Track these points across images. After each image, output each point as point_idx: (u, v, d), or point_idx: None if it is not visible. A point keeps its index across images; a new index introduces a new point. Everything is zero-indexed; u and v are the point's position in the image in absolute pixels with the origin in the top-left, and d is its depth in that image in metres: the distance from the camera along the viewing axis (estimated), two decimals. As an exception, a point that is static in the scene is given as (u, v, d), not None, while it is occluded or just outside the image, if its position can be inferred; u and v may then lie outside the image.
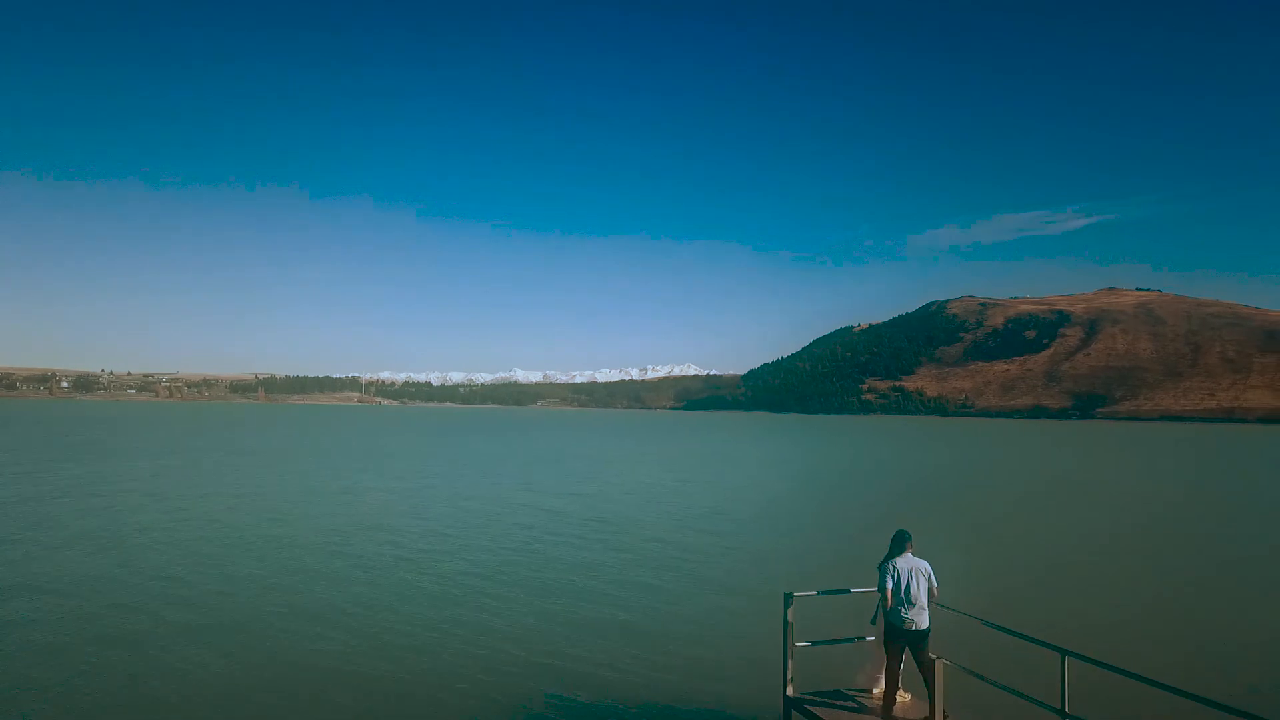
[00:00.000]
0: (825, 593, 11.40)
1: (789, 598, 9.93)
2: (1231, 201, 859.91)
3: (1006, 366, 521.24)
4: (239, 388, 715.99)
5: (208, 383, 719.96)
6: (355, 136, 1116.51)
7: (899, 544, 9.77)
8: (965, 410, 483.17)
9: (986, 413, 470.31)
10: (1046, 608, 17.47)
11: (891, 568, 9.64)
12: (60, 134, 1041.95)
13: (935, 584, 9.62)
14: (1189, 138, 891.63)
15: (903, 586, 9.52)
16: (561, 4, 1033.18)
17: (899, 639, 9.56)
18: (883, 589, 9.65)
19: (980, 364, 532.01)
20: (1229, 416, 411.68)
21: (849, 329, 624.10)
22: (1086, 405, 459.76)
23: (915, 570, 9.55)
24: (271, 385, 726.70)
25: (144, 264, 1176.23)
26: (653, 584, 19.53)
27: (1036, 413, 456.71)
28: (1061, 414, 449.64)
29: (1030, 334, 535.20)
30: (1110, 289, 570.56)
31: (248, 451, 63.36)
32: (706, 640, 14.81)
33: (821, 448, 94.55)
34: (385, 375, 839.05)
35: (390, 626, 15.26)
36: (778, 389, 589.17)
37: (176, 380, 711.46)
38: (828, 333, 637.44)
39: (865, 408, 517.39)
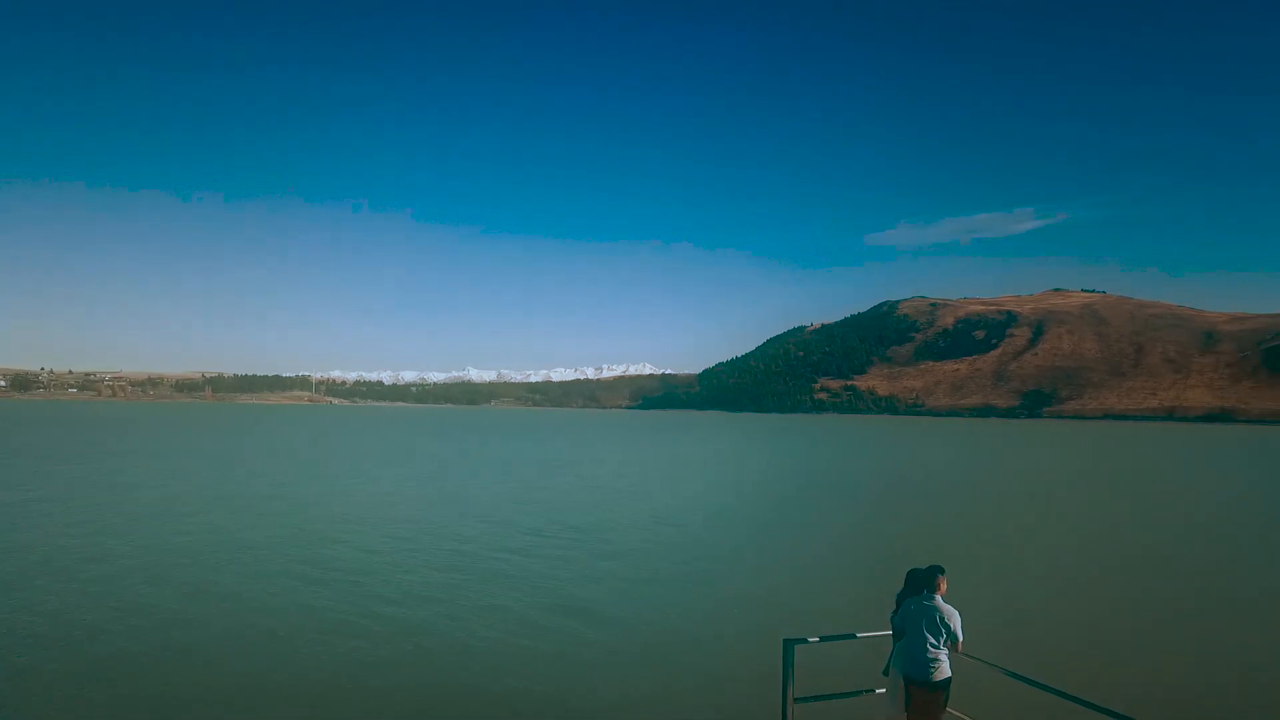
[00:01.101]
0: (828, 638, 9.94)
1: (789, 645, 8.69)
2: (1182, 203, 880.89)
3: (956, 366, 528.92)
4: (185, 387, 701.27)
5: (152, 382, 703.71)
6: (307, 137, 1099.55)
7: (914, 582, 8.91)
8: (916, 409, 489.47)
9: (937, 412, 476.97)
10: (1094, 653, 14.85)
11: (899, 607, 8.86)
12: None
13: (959, 635, 8.42)
14: (1143, 140, 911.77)
15: (902, 630, 8.65)
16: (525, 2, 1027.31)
17: (906, 688, 8.63)
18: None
19: (931, 363, 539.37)
20: (1170, 415, 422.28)
21: (802, 329, 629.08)
22: (1034, 404, 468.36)
23: (926, 614, 8.46)
24: (219, 384, 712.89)
25: (86, 260, 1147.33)
26: (612, 613, 16.91)
27: (985, 411, 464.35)
28: (1009, 413, 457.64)
29: (979, 334, 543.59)
30: (1057, 290, 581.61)
31: (187, 453, 60.93)
32: (689, 694, 12.59)
33: (785, 448, 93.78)
34: (336, 374, 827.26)
35: (264, 693, 12.09)
36: (732, 388, 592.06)
37: (120, 379, 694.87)
38: (781, 333, 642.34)
39: (818, 407, 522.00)
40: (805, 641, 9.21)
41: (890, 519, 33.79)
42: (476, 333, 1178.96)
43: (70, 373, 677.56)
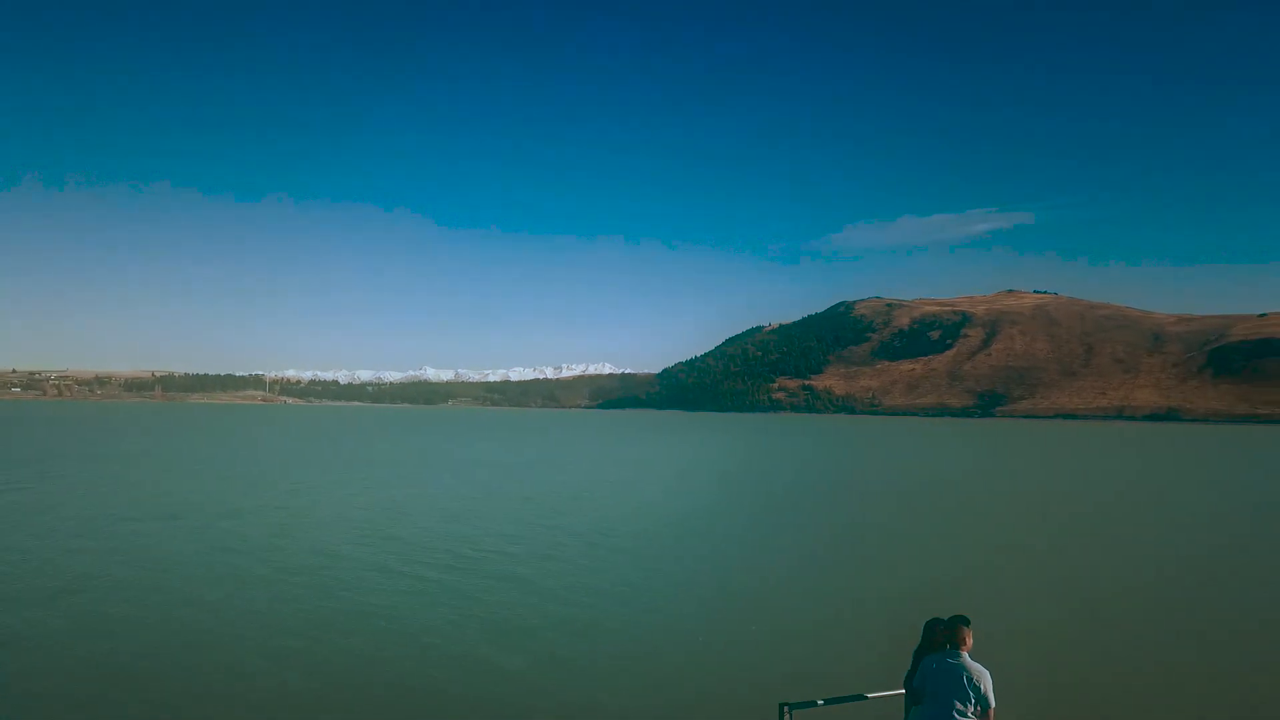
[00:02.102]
0: (832, 701, 8.55)
1: (787, 710, 7.71)
2: (1135, 204, 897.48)
3: (912, 366, 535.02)
4: (135, 386, 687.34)
5: (100, 381, 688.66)
6: (261, 132, 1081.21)
7: (934, 636, 7.64)
8: (873, 409, 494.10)
9: (893, 411, 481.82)
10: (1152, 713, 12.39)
11: (915, 668, 7.63)
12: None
13: (991, 700, 7.15)
14: (1099, 143, 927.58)
15: (921, 692, 7.39)
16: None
17: None
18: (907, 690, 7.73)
19: (886, 363, 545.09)
20: (1119, 414, 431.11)
21: (759, 329, 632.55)
22: (987, 404, 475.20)
23: (952, 674, 7.18)
24: (170, 383, 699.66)
25: (31, 256, 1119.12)
26: (557, 684, 13.42)
27: (939, 411, 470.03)
28: (963, 412, 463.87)
29: (935, 334, 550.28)
30: (1010, 291, 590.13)
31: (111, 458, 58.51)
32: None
33: (750, 450, 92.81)
34: (291, 373, 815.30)
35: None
36: (691, 387, 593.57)
37: (66, 378, 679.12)
38: (739, 333, 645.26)
39: (775, 406, 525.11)
40: (805, 705, 8.04)
41: (882, 536, 30.60)
42: (434, 331, 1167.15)
43: (14, 371, 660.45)
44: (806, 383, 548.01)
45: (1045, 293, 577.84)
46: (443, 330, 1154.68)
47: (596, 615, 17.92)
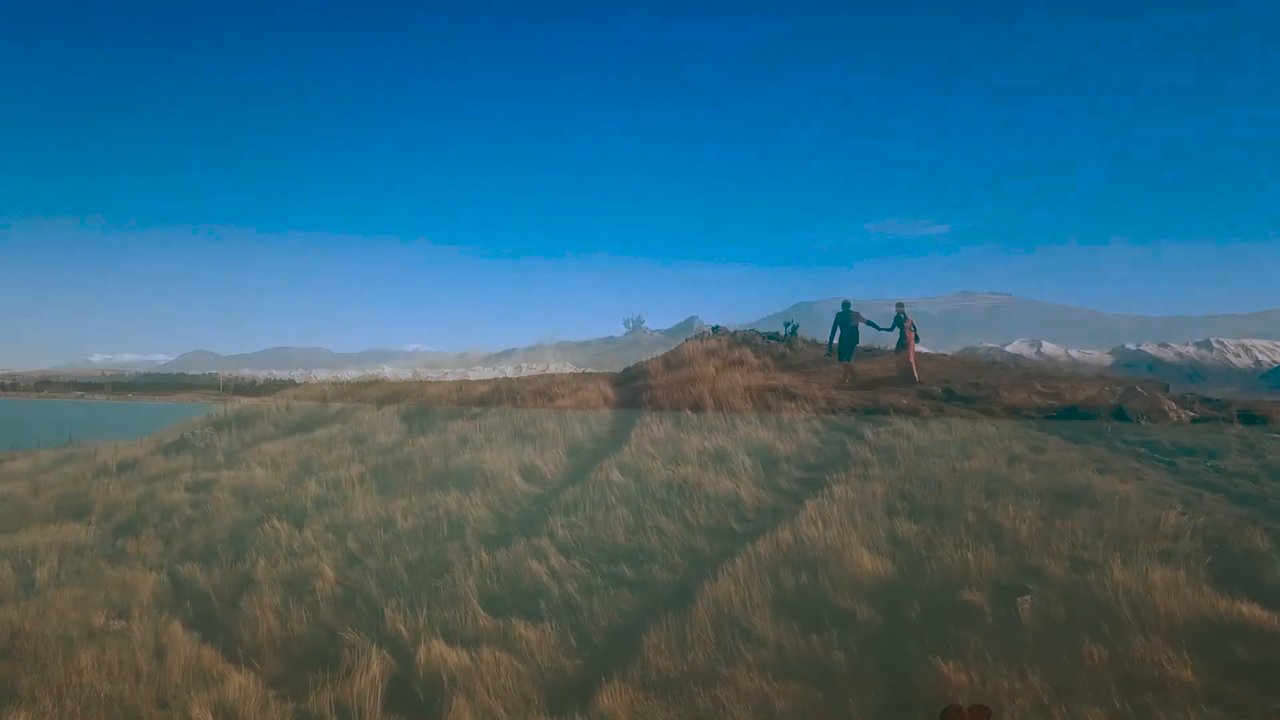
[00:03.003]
0: None
1: None
2: (1099, 206, 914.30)
3: (869, 366, 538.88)
4: (83, 386, 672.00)
5: (48, 380, 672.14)
6: (213, 132, 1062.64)
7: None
8: (831, 408, 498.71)
9: (850, 409, 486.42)
10: None
11: None
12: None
13: None
14: (1063, 145, 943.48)
15: None
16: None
17: None
18: None
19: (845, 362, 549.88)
20: (1072, 412, 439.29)
21: (720, 329, 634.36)
22: (943, 402, 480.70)
23: None
24: (120, 383, 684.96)
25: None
26: None
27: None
28: (915, 412, 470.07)
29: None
30: (965, 292, 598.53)
31: None
32: None
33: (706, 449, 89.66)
34: (245, 373, 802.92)
35: None
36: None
37: (9, 376, 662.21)
38: (699, 334, 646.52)
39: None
40: None
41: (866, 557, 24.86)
42: (393, 331, 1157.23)
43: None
44: (768, 383, 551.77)
45: (1000, 294, 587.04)
46: (403, 330, 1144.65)
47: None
